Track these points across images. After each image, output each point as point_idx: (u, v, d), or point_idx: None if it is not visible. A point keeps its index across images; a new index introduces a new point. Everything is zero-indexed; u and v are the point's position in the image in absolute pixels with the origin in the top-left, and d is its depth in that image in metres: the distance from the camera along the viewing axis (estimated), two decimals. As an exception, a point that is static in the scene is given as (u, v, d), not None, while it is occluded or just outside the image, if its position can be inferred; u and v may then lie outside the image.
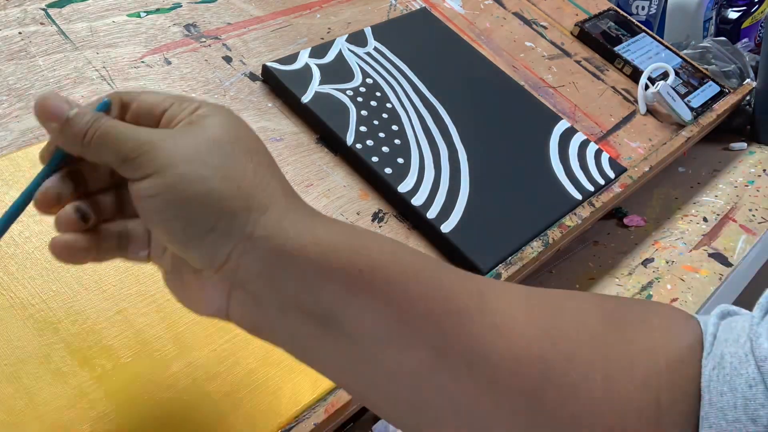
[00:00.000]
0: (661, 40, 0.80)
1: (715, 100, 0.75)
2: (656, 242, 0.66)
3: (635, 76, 0.73)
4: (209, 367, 0.40)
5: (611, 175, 0.61)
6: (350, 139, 0.54)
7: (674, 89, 0.71)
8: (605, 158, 0.62)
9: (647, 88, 0.71)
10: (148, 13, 0.59)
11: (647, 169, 0.63)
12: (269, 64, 0.57)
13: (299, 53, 0.59)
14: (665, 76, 0.73)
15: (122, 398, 0.37)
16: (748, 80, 0.80)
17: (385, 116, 0.57)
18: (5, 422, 0.35)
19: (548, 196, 0.57)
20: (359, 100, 0.58)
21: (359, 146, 0.54)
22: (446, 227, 0.51)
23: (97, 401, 0.37)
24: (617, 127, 0.68)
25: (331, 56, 0.60)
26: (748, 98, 0.78)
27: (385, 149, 0.55)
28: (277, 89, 0.57)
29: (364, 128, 0.55)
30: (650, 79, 0.72)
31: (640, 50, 0.77)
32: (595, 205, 0.57)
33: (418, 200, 0.52)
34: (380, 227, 0.52)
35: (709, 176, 0.73)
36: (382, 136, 0.56)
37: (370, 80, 0.60)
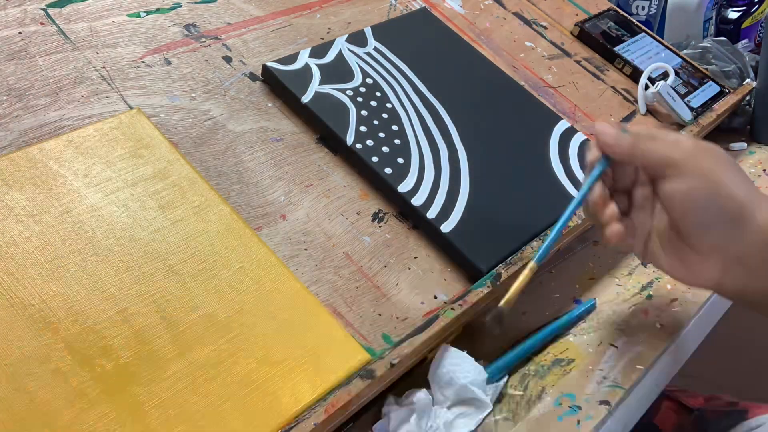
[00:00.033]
0: (661, 40, 0.80)
1: (715, 100, 0.75)
2: (656, 242, 0.66)
3: (635, 76, 0.73)
4: (209, 367, 0.40)
5: (611, 175, 0.61)
6: (350, 139, 0.54)
7: (674, 89, 0.71)
8: (605, 158, 0.62)
9: (647, 88, 0.71)
10: (148, 13, 0.59)
11: (647, 169, 0.63)
12: (269, 64, 0.57)
13: (299, 53, 0.59)
14: (665, 76, 0.73)
15: (122, 398, 0.37)
16: (748, 80, 0.80)
17: (385, 116, 0.57)
18: (5, 422, 0.35)
19: (548, 196, 0.57)
20: (359, 100, 0.58)
21: (359, 146, 0.54)
22: (446, 227, 0.51)
23: (97, 401, 0.37)
24: (617, 127, 0.68)
25: (331, 56, 0.60)
26: (748, 98, 0.78)
27: (385, 149, 0.55)
28: (277, 89, 0.57)
29: (364, 128, 0.56)
30: (650, 79, 0.72)
31: (640, 50, 0.77)
32: (595, 205, 0.57)
33: (418, 200, 0.52)
34: (380, 227, 0.52)
35: (709, 176, 0.73)
36: (382, 136, 0.56)
37: (370, 80, 0.60)
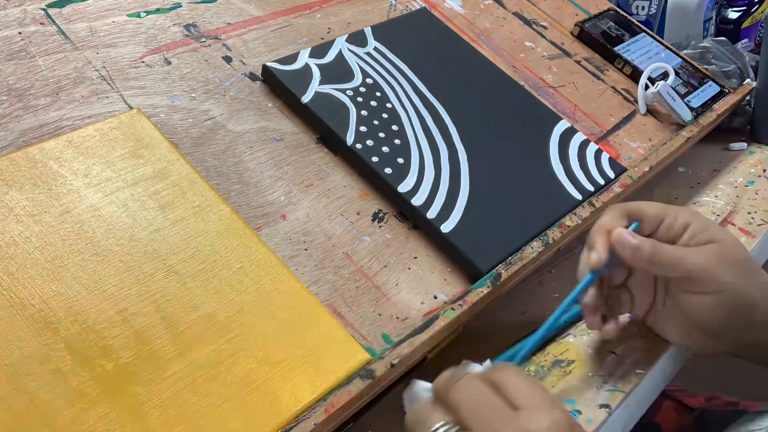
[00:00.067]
0: (661, 40, 0.80)
1: (715, 100, 0.75)
2: (656, 242, 0.66)
3: (635, 76, 0.73)
4: (209, 367, 0.40)
5: (611, 175, 0.61)
6: (350, 139, 0.54)
7: (674, 89, 0.71)
8: (605, 158, 0.62)
9: (647, 88, 0.71)
10: (148, 13, 0.59)
11: (647, 169, 0.63)
12: (269, 64, 0.57)
13: (299, 53, 0.59)
14: (665, 76, 0.73)
15: (122, 398, 0.37)
16: (748, 80, 0.80)
17: (385, 116, 0.57)
18: (5, 422, 0.35)
19: (548, 196, 0.57)
20: (359, 100, 0.58)
21: (359, 146, 0.54)
22: (446, 227, 0.51)
23: (97, 401, 0.37)
24: (617, 127, 0.68)
25: (331, 56, 0.60)
26: (748, 98, 0.78)
27: (385, 149, 0.55)
28: (277, 89, 0.57)
29: (364, 128, 0.56)
30: (650, 79, 0.72)
31: (640, 50, 0.77)
32: (595, 205, 0.57)
33: (418, 200, 0.52)
34: (380, 227, 0.52)
35: (709, 176, 0.73)
36: (382, 136, 0.56)
37: (370, 80, 0.60)
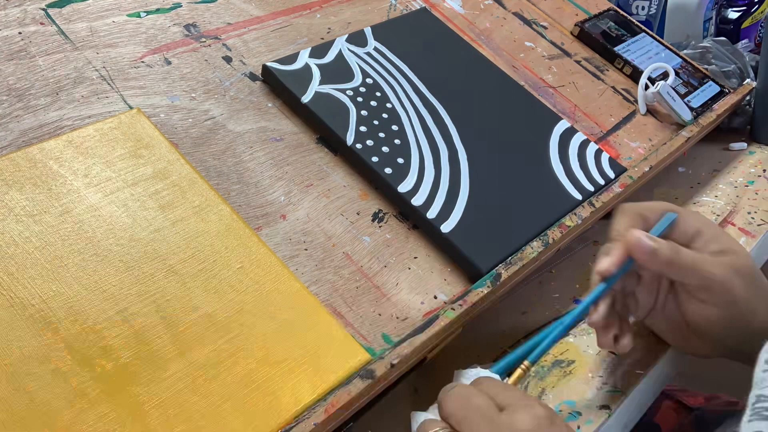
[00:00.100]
0: (661, 40, 0.80)
1: (715, 100, 0.75)
2: (656, 242, 0.66)
3: (635, 76, 0.73)
4: (209, 367, 0.40)
5: (611, 175, 0.61)
6: (350, 139, 0.54)
7: (674, 89, 0.71)
8: (605, 158, 0.62)
9: (647, 88, 0.71)
10: (148, 13, 0.59)
11: (647, 169, 0.63)
12: (269, 64, 0.57)
13: (299, 53, 0.59)
14: (665, 76, 0.73)
15: (122, 398, 0.37)
16: (748, 80, 0.80)
17: (385, 116, 0.57)
18: (5, 422, 0.35)
19: (548, 196, 0.57)
20: (359, 100, 0.58)
21: (359, 146, 0.54)
22: (446, 227, 0.51)
23: (97, 401, 0.37)
24: (617, 127, 0.68)
25: (331, 56, 0.60)
26: (748, 98, 0.78)
27: (385, 149, 0.55)
28: (277, 89, 0.57)
29: (364, 128, 0.56)
30: (650, 79, 0.72)
31: (640, 50, 0.77)
32: (595, 205, 0.57)
33: (418, 200, 0.52)
34: (380, 227, 0.52)
35: (709, 176, 0.73)
36: (382, 136, 0.56)
37: (370, 80, 0.60)
